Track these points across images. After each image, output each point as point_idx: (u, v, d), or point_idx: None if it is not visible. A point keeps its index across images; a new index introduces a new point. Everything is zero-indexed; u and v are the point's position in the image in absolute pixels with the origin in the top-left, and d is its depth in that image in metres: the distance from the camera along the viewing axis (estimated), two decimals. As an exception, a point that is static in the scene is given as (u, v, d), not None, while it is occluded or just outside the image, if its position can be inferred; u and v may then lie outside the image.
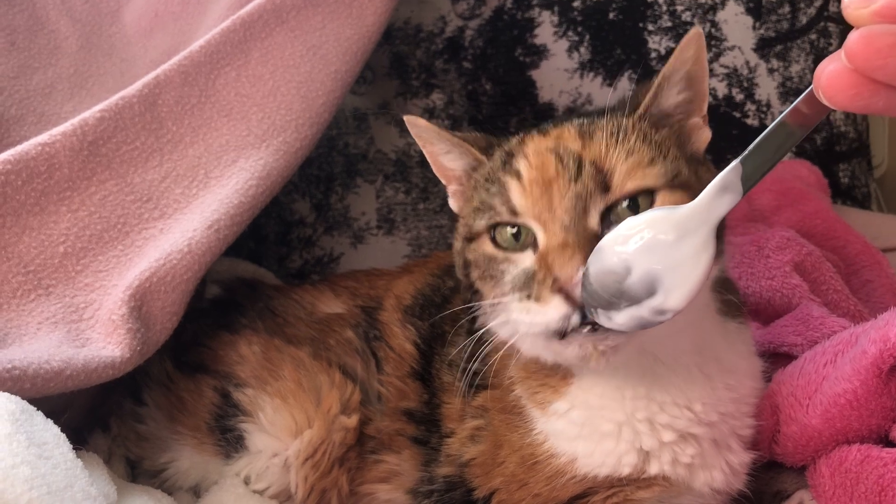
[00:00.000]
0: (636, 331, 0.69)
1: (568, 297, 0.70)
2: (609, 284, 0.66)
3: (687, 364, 0.81)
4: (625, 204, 0.74)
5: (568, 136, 0.80)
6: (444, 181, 0.93)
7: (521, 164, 0.79)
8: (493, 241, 0.80)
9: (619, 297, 0.66)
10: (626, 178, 0.75)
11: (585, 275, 0.68)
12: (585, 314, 0.70)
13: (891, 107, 0.52)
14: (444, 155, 0.89)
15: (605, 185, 0.74)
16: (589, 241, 0.71)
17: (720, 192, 0.64)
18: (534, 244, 0.76)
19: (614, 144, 0.76)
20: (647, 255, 0.65)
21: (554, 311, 0.70)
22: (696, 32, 0.78)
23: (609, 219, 0.74)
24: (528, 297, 0.73)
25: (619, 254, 0.66)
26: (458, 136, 0.88)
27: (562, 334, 0.72)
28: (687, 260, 0.65)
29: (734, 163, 0.63)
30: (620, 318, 0.67)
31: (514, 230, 0.78)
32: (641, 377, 0.80)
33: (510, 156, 0.82)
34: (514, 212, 0.78)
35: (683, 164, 0.78)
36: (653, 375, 0.80)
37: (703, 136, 0.84)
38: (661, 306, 0.65)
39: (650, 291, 0.65)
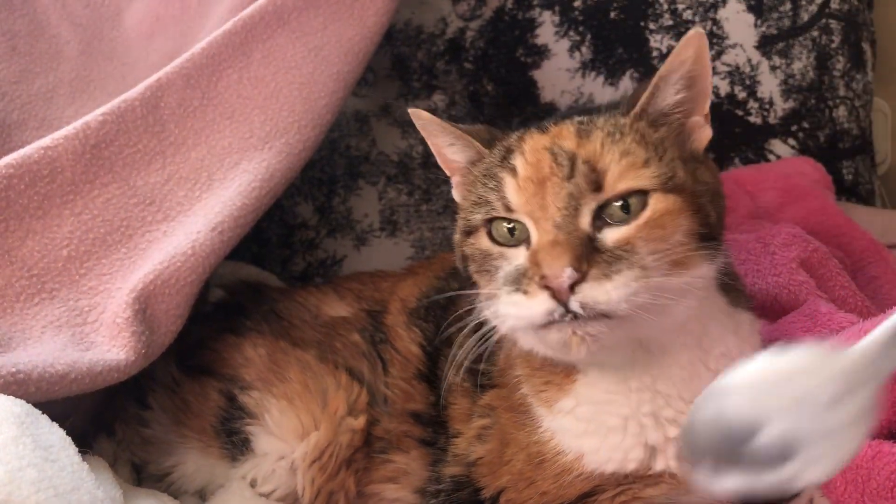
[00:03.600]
0: (627, 336, 0.72)
1: (554, 294, 0.70)
2: (724, 437, 0.52)
3: (690, 359, 0.81)
4: (618, 204, 0.75)
5: (566, 134, 0.80)
6: (447, 172, 0.94)
7: (518, 161, 0.79)
8: (490, 235, 0.80)
9: (734, 456, 0.52)
10: (618, 179, 0.75)
11: (691, 422, 0.55)
12: (569, 309, 0.70)
13: None
14: (448, 147, 0.90)
15: (597, 185, 0.75)
16: (579, 241, 0.72)
17: None
18: (527, 240, 0.77)
19: (610, 144, 0.76)
20: (793, 411, 0.51)
21: (539, 305, 0.71)
22: (695, 33, 0.78)
23: (602, 217, 0.75)
24: (517, 290, 0.74)
25: (752, 401, 0.52)
26: (461, 128, 0.88)
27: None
28: (843, 426, 0.51)
29: None
30: (730, 483, 0.53)
31: (510, 225, 0.79)
32: (647, 367, 0.80)
33: (509, 152, 0.82)
34: (508, 208, 0.78)
35: (680, 165, 0.77)
36: (658, 367, 0.80)
37: (704, 134, 0.83)
38: (794, 477, 0.51)
39: (784, 456, 0.51)
